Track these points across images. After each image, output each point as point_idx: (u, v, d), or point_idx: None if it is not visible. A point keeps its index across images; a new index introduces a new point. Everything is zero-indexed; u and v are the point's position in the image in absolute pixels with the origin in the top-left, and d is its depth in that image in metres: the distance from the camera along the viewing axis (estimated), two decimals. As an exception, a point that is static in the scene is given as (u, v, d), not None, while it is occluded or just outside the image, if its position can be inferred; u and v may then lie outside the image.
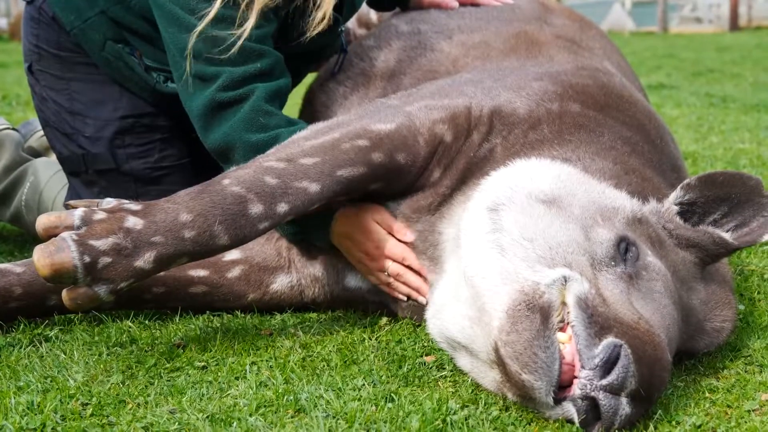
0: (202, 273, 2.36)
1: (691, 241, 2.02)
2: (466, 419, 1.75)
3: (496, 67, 2.58)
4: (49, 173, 2.98)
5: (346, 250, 2.31)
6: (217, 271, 2.38)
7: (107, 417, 1.76)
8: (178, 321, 2.33)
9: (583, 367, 1.63)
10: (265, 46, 2.40)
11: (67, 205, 2.09)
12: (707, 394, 1.91)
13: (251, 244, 2.38)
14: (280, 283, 2.41)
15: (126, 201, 2.05)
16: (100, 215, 1.97)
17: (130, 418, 1.75)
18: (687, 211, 2.05)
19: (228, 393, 1.88)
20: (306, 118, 2.92)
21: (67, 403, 1.81)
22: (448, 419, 1.74)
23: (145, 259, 1.95)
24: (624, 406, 1.64)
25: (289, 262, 2.42)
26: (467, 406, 1.82)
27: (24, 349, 2.11)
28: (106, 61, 2.70)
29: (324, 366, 2.03)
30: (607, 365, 1.62)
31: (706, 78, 9.08)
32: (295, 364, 2.03)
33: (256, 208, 2.03)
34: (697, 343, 2.02)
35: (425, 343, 2.17)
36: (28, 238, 3.09)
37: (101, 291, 1.93)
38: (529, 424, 1.75)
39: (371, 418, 1.75)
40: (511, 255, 1.77)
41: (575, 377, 1.64)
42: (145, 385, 1.92)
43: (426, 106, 2.27)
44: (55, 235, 1.94)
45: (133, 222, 1.96)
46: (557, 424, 1.72)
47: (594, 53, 2.79)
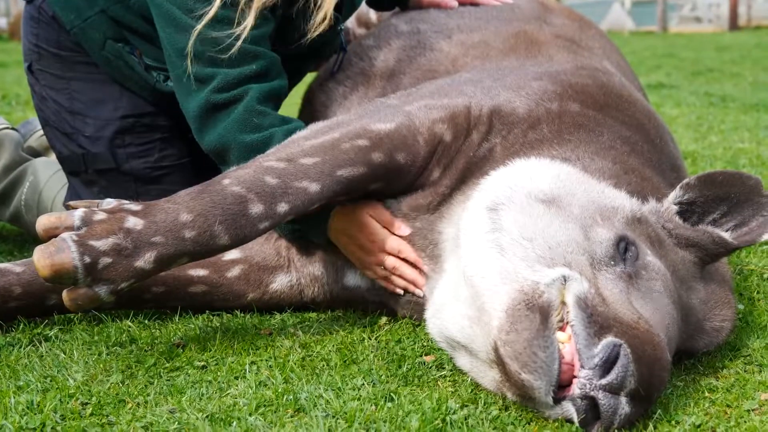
0: (201, 272, 2.36)
1: (691, 240, 2.02)
2: (466, 419, 1.75)
3: (495, 66, 2.58)
4: (49, 173, 2.98)
5: (343, 246, 2.31)
6: (216, 271, 2.38)
7: (107, 416, 1.76)
8: (177, 320, 2.33)
9: (582, 366, 1.63)
10: (260, 48, 2.40)
11: (67, 205, 2.09)
12: (707, 394, 1.91)
13: (250, 244, 2.38)
14: (280, 283, 2.42)
15: (126, 201, 2.05)
16: (100, 216, 1.97)
17: (129, 417, 1.75)
18: (686, 210, 2.05)
19: (227, 392, 1.88)
20: (305, 118, 2.92)
21: (67, 403, 1.81)
22: (448, 419, 1.74)
23: (145, 260, 1.95)
24: (623, 406, 1.64)
25: (288, 262, 2.42)
26: (467, 406, 1.82)
27: (24, 348, 2.11)
28: (106, 60, 2.70)
29: (323, 365, 2.03)
30: (607, 365, 1.62)
31: (706, 77, 9.07)
32: (295, 364, 2.03)
33: (257, 208, 2.03)
34: (697, 343, 2.02)
35: (425, 343, 2.17)
36: (27, 238, 3.09)
37: (102, 291, 1.93)
38: (529, 424, 1.75)
39: (371, 417, 1.75)
40: (511, 254, 1.77)
41: (575, 377, 1.64)
42: (145, 385, 1.92)
43: (425, 106, 2.27)
44: (55, 236, 1.94)
45: (133, 222, 1.96)
46: (557, 424, 1.72)
47: (593, 53, 2.79)
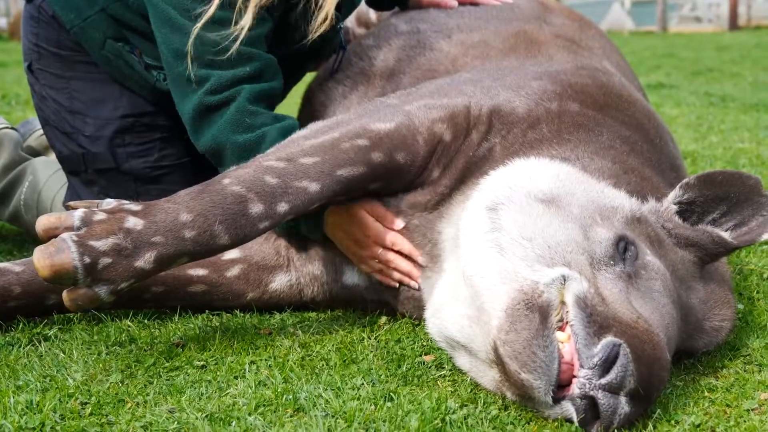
0: (201, 272, 2.36)
1: (690, 240, 2.02)
2: (465, 418, 1.75)
3: (495, 66, 2.58)
4: (48, 172, 2.97)
5: (339, 241, 2.32)
6: (216, 270, 2.38)
7: (106, 416, 1.76)
8: (177, 320, 2.33)
9: (582, 366, 1.63)
10: (255, 49, 2.41)
11: (67, 205, 2.09)
12: (706, 393, 1.91)
13: (250, 243, 2.38)
14: (279, 282, 2.42)
15: (126, 201, 2.05)
16: (100, 216, 1.97)
17: (129, 417, 1.75)
18: (686, 210, 2.05)
19: (227, 392, 1.88)
20: (305, 118, 2.92)
21: (66, 403, 1.81)
22: (447, 418, 1.74)
23: (145, 260, 1.95)
24: (623, 405, 1.64)
25: (288, 261, 2.42)
26: (466, 405, 1.82)
27: (23, 348, 2.11)
28: (106, 59, 2.70)
29: (323, 365, 2.03)
30: (606, 364, 1.62)
31: (706, 77, 9.07)
32: (294, 364, 2.03)
33: (257, 208, 2.03)
34: (696, 342, 2.02)
35: (424, 343, 2.17)
36: (27, 238, 3.09)
37: (101, 291, 1.93)
38: (528, 423, 1.75)
39: (370, 417, 1.75)
40: (510, 254, 1.77)
41: (574, 376, 1.64)
42: (144, 385, 1.92)
43: (425, 105, 2.27)
44: (55, 236, 1.94)
45: (133, 222, 1.96)
46: (556, 423, 1.72)
47: (593, 53, 2.79)
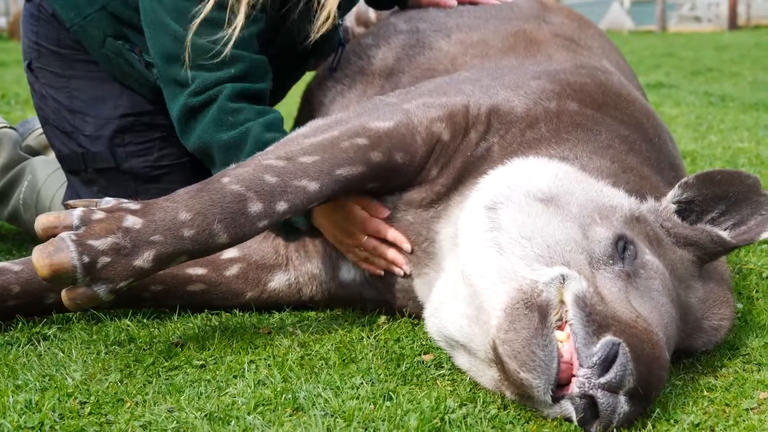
0: (200, 271, 2.36)
1: (689, 239, 2.02)
2: (465, 418, 1.75)
3: (494, 65, 2.58)
4: (47, 172, 2.97)
5: (325, 230, 2.33)
6: (215, 270, 2.38)
7: (105, 416, 1.76)
8: (176, 320, 2.33)
9: (581, 365, 1.63)
10: (243, 51, 2.41)
11: (66, 204, 2.09)
12: (705, 393, 1.91)
13: (249, 242, 2.38)
14: (278, 281, 2.41)
15: (125, 200, 2.05)
16: (98, 215, 1.97)
17: (128, 416, 1.75)
18: (685, 209, 2.05)
19: (226, 391, 1.88)
20: (304, 117, 2.92)
21: (66, 402, 1.81)
22: (447, 418, 1.74)
23: (144, 259, 1.95)
24: (622, 405, 1.64)
25: (286, 260, 2.42)
26: (465, 405, 1.82)
27: (22, 347, 2.11)
28: (106, 58, 2.70)
29: (322, 365, 2.03)
30: (605, 363, 1.62)
31: (705, 77, 9.07)
32: (294, 363, 2.03)
33: (256, 207, 2.03)
34: (695, 342, 2.02)
35: (423, 342, 2.17)
36: (26, 237, 3.09)
37: (100, 291, 1.93)
38: (528, 423, 1.75)
39: (369, 416, 1.75)
40: (510, 253, 1.77)
41: (573, 375, 1.64)
42: (144, 384, 1.92)
43: (424, 104, 2.27)
44: (54, 235, 1.94)
45: (132, 221, 1.96)
46: (555, 423, 1.72)
47: (592, 52, 2.79)
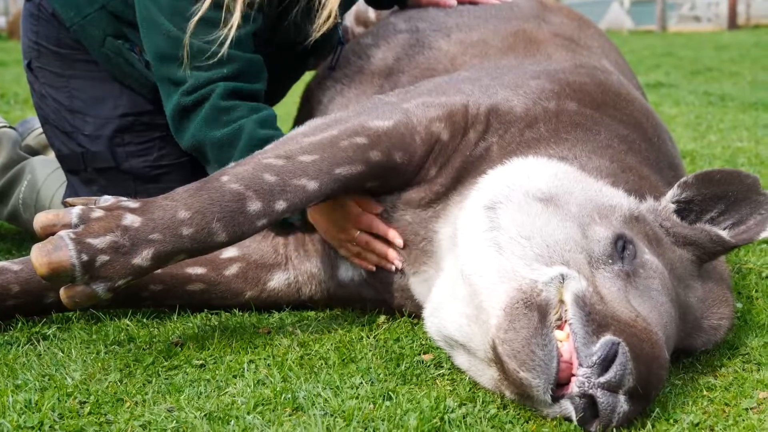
0: (199, 270, 2.36)
1: (688, 239, 2.02)
2: (464, 417, 1.75)
3: (494, 65, 2.58)
4: (47, 171, 2.97)
5: (318, 224, 2.33)
6: (214, 269, 2.38)
7: (105, 415, 1.76)
8: (175, 319, 2.33)
9: (580, 364, 1.63)
10: (237, 51, 2.41)
11: (64, 202, 2.09)
12: (705, 392, 1.91)
13: (248, 242, 2.39)
14: (278, 281, 2.41)
15: (124, 198, 2.05)
16: (97, 213, 1.97)
17: (127, 416, 1.75)
18: (684, 209, 2.05)
19: (226, 391, 1.88)
20: (304, 117, 2.91)
21: (65, 402, 1.81)
22: (446, 417, 1.74)
23: (142, 257, 1.95)
24: (622, 404, 1.64)
25: (286, 259, 2.42)
26: (465, 404, 1.81)
27: (22, 347, 2.11)
28: (106, 57, 2.70)
29: (322, 364, 2.03)
30: (605, 363, 1.62)
31: (705, 77, 9.07)
32: (293, 363, 2.03)
33: (255, 206, 2.03)
34: (695, 341, 2.02)
35: (423, 342, 2.17)
36: (25, 237, 3.09)
37: (99, 289, 1.93)
38: (527, 422, 1.75)
39: (369, 416, 1.75)
40: (509, 253, 1.77)
41: (573, 375, 1.64)
42: (143, 384, 1.92)
43: (423, 104, 2.27)
44: (52, 233, 1.94)
45: (130, 220, 1.96)
46: (555, 422, 1.72)
47: (592, 51, 2.79)
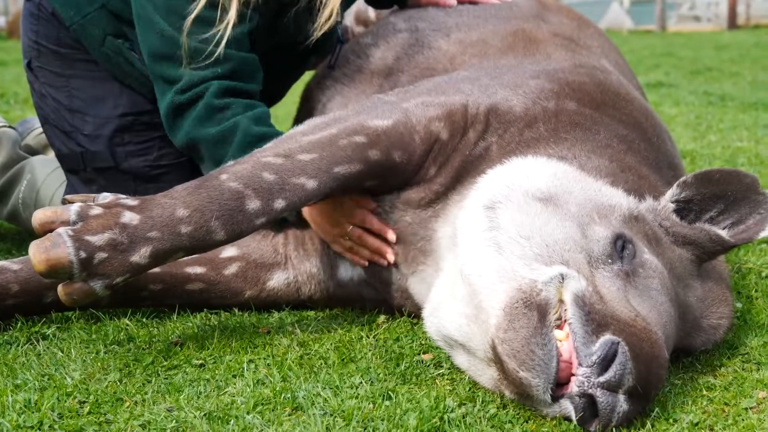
0: (199, 270, 2.36)
1: (688, 238, 2.02)
2: (464, 417, 1.75)
3: (493, 64, 2.58)
4: (47, 171, 2.97)
5: (312, 219, 2.34)
6: (214, 268, 2.38)
7: (104, 415, 1.76)
8: (175, 319, 2.33)
9: (580, 364, 1.63)
10: (232, 50, 2.42)
11: (63, 199, 2.09)
12: (704, 392, 1.91)
13: (248, 241, 2.38)
14: (277, 280, 2.41)
15: (122, 196, 2.05)
16: (96, 210, 1.97)
17: (127, 416, 1.75)
18: (683, 208, 2.05)
19: (225, 391, 1.88)
20: (304, 116, 2.92)
21: (65, 401, 1.81)
22: (446, 417, 1.74)
23: (141, 255, 1.95)
24: (621, 403, 1.64)
25: (285, 259, 2.42)
26: (464, 404, 1.81)
27: (21, 347, 2.11)
28: (106, 56, 2.70)
29: (321, 364, 2.03)
30: (605, 362, 1.62)
31: (705, 76, 9.07)
32: (293, 362, 2.03)
33: (253, 204, 2.03)
34: (694, 341, 2.02)
35: (423, 341, 2.17)
36: (25, 236, 3.09)
37: (97, 286, 1.93)
38: (527, 422, 1.75)
39: (368, 415, 1.75)
40: (508, 253, 1.77)
41: (573, 375, 1.64)
42: (143, 383, 1.92)
43: (423, 103, 2.27)
44: (51, 230, 1.94)
45: (129, 217, 1.96)
46: (555, 422, 1.72)
47: (592, 51, 2.79)
